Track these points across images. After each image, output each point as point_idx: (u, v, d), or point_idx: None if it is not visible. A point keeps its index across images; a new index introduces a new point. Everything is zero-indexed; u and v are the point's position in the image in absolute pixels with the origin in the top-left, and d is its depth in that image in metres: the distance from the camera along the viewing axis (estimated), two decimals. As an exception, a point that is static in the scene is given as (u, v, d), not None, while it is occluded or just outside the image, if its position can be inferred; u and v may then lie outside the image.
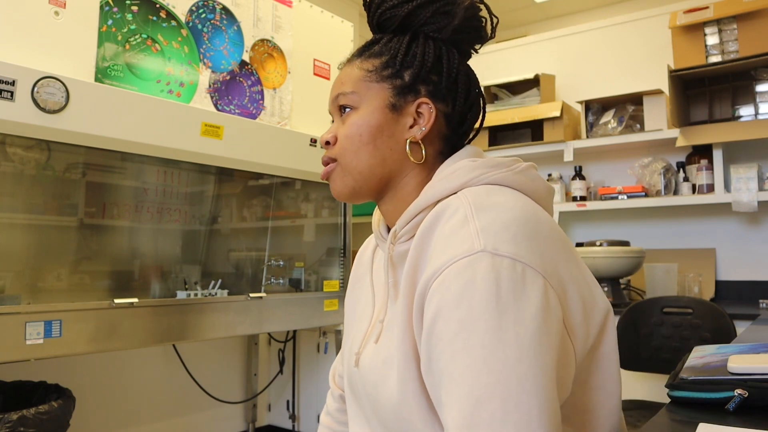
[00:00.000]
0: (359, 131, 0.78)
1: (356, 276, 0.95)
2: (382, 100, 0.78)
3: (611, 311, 0.72)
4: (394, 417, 0.72)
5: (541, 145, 2.97)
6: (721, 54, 2.57)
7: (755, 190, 2.45)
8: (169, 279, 2.19)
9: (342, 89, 0.80)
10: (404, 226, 0.75)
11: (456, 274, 0.62)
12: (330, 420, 1.03)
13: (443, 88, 0.78)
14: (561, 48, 3.30)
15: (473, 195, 0.69)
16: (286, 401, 2.95)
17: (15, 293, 1.70)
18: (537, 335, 0.59)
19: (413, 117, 0.78)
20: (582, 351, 0.67)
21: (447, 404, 0.60)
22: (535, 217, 0.68)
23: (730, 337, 1.93)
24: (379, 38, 0.82)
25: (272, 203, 2.53)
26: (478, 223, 0.65)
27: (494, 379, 0.57)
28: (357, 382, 0.81)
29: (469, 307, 0.60)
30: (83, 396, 2.18)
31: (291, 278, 2.49)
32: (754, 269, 2.66)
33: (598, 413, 0.72)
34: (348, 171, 0.79)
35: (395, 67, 0.78)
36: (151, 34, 1.84)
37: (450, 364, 0.60)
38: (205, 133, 1.92)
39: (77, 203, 1.91)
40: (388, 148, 0.78)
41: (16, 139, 1.65)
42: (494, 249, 0.62)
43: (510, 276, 0.61)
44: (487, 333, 0.59)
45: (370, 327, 0.82)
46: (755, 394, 0.72)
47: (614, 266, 2.48)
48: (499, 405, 0.56)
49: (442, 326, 0.62)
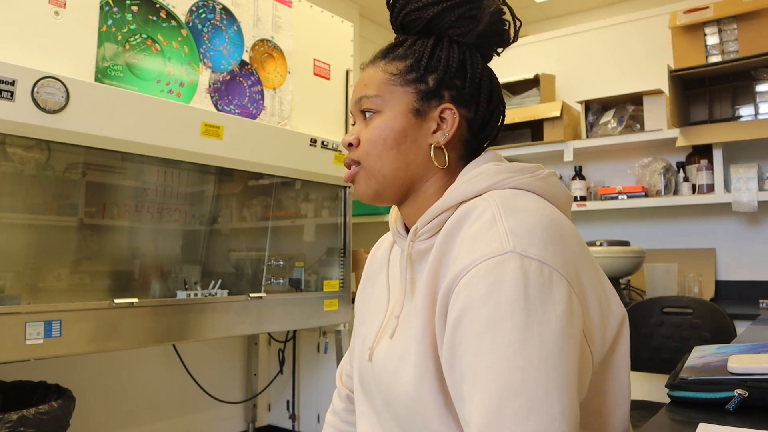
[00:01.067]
0: (383, 135, 0.78)
1: (369, 274, 0.95)
2: (406, 104, 0.79)
3: (626, 318, 0.73)
4: (408, 412, 0.72)
5: (541, 145, 2.97)
6: (721, 54, 2.57)
7: (755, 190, 2.45)
8: (169, 279, 2.19)
9: (366, 92, 0.81)
10: (426, 224, 0.76)
11: (485, 273, 0.63)
12: (336, 419, 1.04)
13: (466, 94, 0.79)
14: (561, 48, 3.30)
15: (500, 198, 0.70)
16: (286, 401, 2.95)
17: (15, 293, 1.70)
18: (561, 338, 0.60)
19: (437, 122, 0.79)
20: (598, 356, 0.69)
21: (470, 399, 0.61)
22: (559, 223, 0.69)
23: (730, 337, 1.93)
24: (404, 40, 0.82)
25: (272, 203, 2.53)
26: (507, 224, 0.66)
27: (519, 377, 0.58)
28: (369, 377, 0.82)
29: (496, 305, 0.61)
30: (83, 396, 2.18)
31: (291, 278, 2.49)
32: (754, 269, 2.66)
33: (610, 418, 0.73)
34: (372, 174, 0.80)
35: (419, 72, 0.78)
36: (151, 34, 1.84)
37: (474, 360, 0.61)
38: (205, 133, 1.92)
39: (77, 203, 1.91)
40: (412, 152, 0.79)
41: (16, 139, 1.65)
42: (523, 251, 0.63)
43: (538, 278, 0.62)
44: (514, 332, 0.60)
45: (384, 322, 0.82)
46: (755, 394, 0.72)
47: (614, 266, 2.48)
48: (524, 403, 0.57)
49: (468, 323, 0.63)
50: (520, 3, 3.84)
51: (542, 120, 2.94)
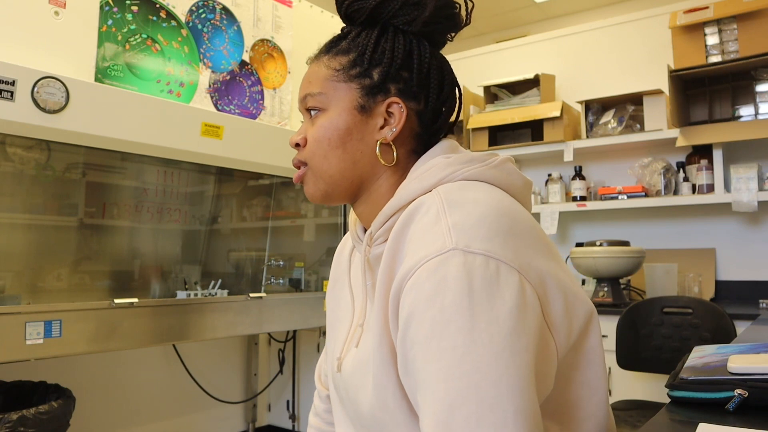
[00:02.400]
0: (327, 134, 0.75)
1: (335, 276, 0.92)
2: (351, 101, 0.75)
3: (595, 312, 0.71)
4: (375, 422, 0.70)
5: (541, 145, 2.97)
6: (721, 54, 2.57)
7: (755, 190, 2.45)
8: (169, 279, 2.19)
9: (310, 89, 0.78)
10: (379, 227, 0.73)
11: (428, 274, 0.60)
12: (318, 421, 1.02)
13: (414, 85, 0.75)
14: (561, 48, 3.30)
15: (446, 191, 0.67)
16: (286, 401, 2.95)
17: (15, 293, 1.70)
18: (512, 334, 0.58)
19: (383, 117, 0.75)
20: (564, 346, 0.66)
21: (422, 408, 0.59)
22: (511, 212, 0.66)
23: (730, 337, 1.93)
24: (347, 32, 0.78)
25: (272, 203, 2.53)
26: (450, 219, 0.63)
27: (467, 382, 0.56)
28: (340, 387, 0.80)
29: (441, 307, 0.58)
30: (83, 396, 2.18)
31: (291, 278, 2.49)
32: (754, 269, 2.66)
33: (583, 408, 0.70)
34: (319, 175, 0.77)
35: (363, 66, 0.75)
36: (151, 34, 1.84)
37: (424, 367, 0.59)
38: (205, 133, 1.92)
39: (77, 203, 1.91)
40: (359, 151, 0.75)
41: (16, 139, 1.65)
42: (466, 246, 0.60)
43: (483, 274, 0.59)
44: (460, 334, 0.57)
45: (351, 331, 0.80)
46: (755, 394, 0.72)
47: (614, 266, 2.48)
48: (474, 409, 0.55)
49: (415, 328, 0.60)
50: (520, 3, 3.84)
51: (542, 120, 2.94)
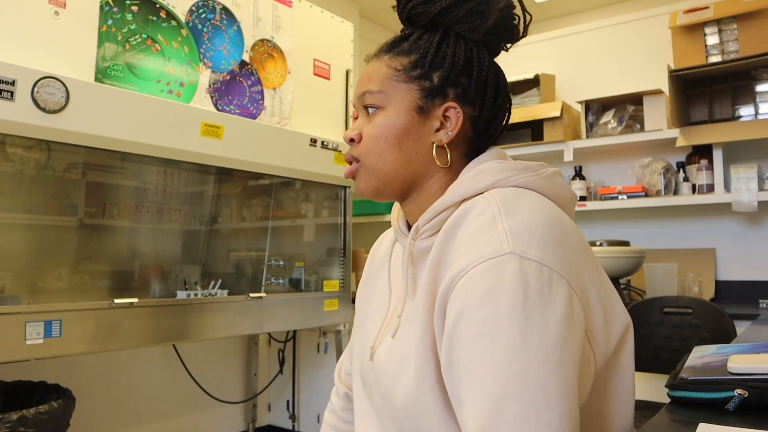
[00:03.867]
0: (385, 133, 0.77)
1: (370, 271, 0.94)
2: (410, 102, 0.77)
3: (631, 325, 0.73)
4: (408, 412, 0.71)
5: (541, 145, 2.97)
6: (721, 54, 2.57)
7: (755, 190, 2.45)
8: (169, 279, 2.19)
9: (369, 87, 0.79)
10: (427, 222, 0.75)
11: (483, 274, 0.62)
12: (334, 418, 1.03)
13: (472, 92, 0.77)
14: (561, 48, 3.30)
15: (501, 196, 0.69)
16: (286, 401, 2.95)
17: (15, 293, 1.70)
18: (561, 341, 0.59)
19: (440, 120, 0.77)
20: (602, 359, 0.68)
21: (467, 403, 0.60)
22: (561, 223, 0.68)
23: (730, 337, 1.93)
24: (409, 34, 0.80)
25: (272, 203, 2.53)
26: (507, 225, 0.64)
27: (517, 381, 0.57)
28: (370, 376, 0.81)
29: (494, 307, 0.60)
30: (83, 396, 2.18)
31: (291, 278, 2.49)
32: (754, 269, 2.66)
33: (613, 421, 0.72)
34: (372, 172, 0.79)
35: (424, 68, 0.77)
36: (151, 34, 1.84)
37: (472, 363, 0.60)
38: (205, 133, 1.92)
39: (77, 203, 1.91)
40: (414, 150, 0.77)
41: (16, 139, 1.65)
42: (522, 252, 0.62)
43: (537, 280, 0.61)
44: (512, 335, 0.59)
45: (386, 321, 0.81)
46: (755, 394, 0.72)
47: (614, 266, 2.48)
48: (522, 407, 0.56)
49: (465, 325, 0.62)
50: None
51: (542, 120, 2.94)
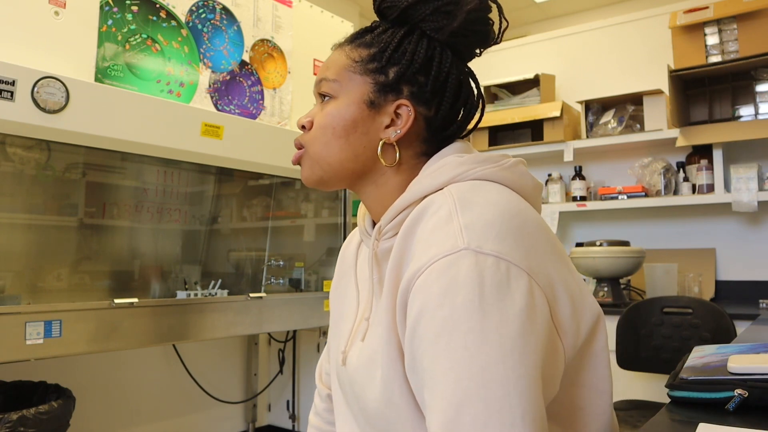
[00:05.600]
0: (333, 123, 0.76)
1: (341, 272, 0.93)
2: (362, 94, 0.76)
3: (602, 315, 0.72)
4: (380, 416, 0.71)
5: (541, 145, 2.97)
6: (721, 54, 2.57)
7: (755, 190, 2.45)
8: (169, 279, 2.19)
9: (326, 74, 0.78)
10: (389, 222, 0.73)
11: (439, 273, 0.61)
12: (319, 420, 1.02)
13: (428, 91, 0.75)
14: (561, 48, 3.30)
15: (458, 191, 0.68)
16: (286, 401, 2.95)
17: (15, 293, 1.70)
18: (521, 336, 0.58)
19: (391, 117, 0.75)
20: (572, 349, 0.66)
21: (430, 406, 0.59)
22: (522, 214, 0.66)
23: (730, 337, 1.93)
24: (375, 27, 0.79)
25: (272, 203, 2.53)
26: (462, 219, 0.63)
27: (476, 381, 0.56)
28: (344, 381, 0.80)
29: (451, 307, 0.59)
30: (83, 396, 2.18)
31: (291, 278, 2.49)
32: (754, 269, 2.66)
33: (588, 411, 0.71)
34: (316, 161, 0.77)
35: (381, 62, 0.75)
36: (151, 34, 1.84)
37: (432, 365, 0.59)
38: (205, 133, 1.92)
39: (77, 203, 1.91)
40: (362, 145, 0.76)
41: (16, 139, 1.65)
42: (478, 247, 0.61)
43: (494, 275, 0.60)
44: (470, 334, 0.58)
45: (356, 324, 0.80)
46: (755, 394, 0.72)
47: (614, 266, 2.48)
48: (482, 408, 0.55)
49: (424, 326, 0.61)
50: (520, 3, 3.84)
51: (542, 120, 2.94)
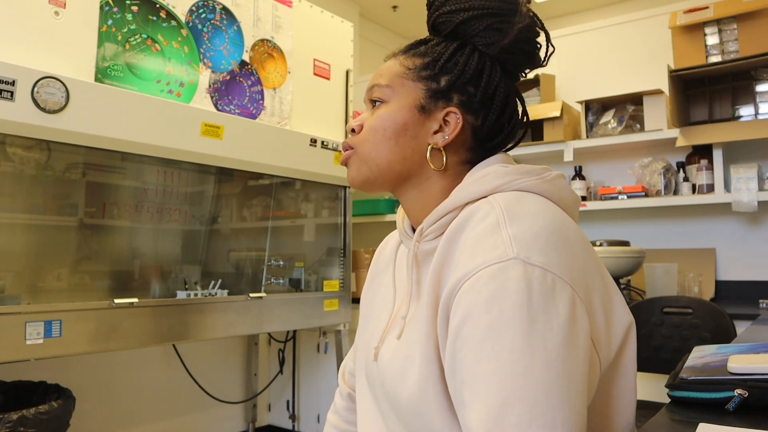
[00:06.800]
0: (384, 125, 0.79)
1: (375, 271, 0.95)
2: (413, 99, 0.79)
3: (633, 324, 0.73)
4: (412, 413, 0.72)
5: (541, 145, 2.97)
6: (721, 54, 2.57)
7: (755, 190, 2.45)
8: (169, 279, 2.19)
9: (378, 81, 0.82)
10: (431, 224, 0.76)
11: (487, 279, 0.63)
12: (337, 418, 1.04)
13: (477, 101, 0.78)
14: (561, 48, 3.27)
15: (505, 201, 0.70)
16: (286, 401, 2.95)
17: (15, 293, 1.70)
18: (564, 346, 0.60)
19: (440, 123, 0.79)
20: (606, 361, 0.69)
21: (470, 404, 0.60)
22: (564, 227, 0.69)
23: (730, 337, 1.93)
24: (429, 39, 0.83)
25: (272, 203, 2.53)
26: (511, 230, 0.65)
27: (521, 384, 0.58)
28: (374, 376, 0.82)
29: (499, 312, 0.61)
30: (83, 396, 2.18)
31: (291, 278, 2.49)
32: (754, 269, 2.66)
33: (616, 421, 0.73)
34: (365, 161, 0.80)
35: (434, 70, 0.79)
36: (151, 34, 1.84)
37: (476, 365, 0.61)
38: (205, 133, 1.92)
39: (77, 203, 1.91)
40: (410, 148, 0.79)
41: (16, 139, 1.65)
42: (527, 258, 0.63)
43: (541, 285, 0.62)
44: (516, 339, 0.59)
45: (390, 322, 0.82)
46: (755, 394, 0.72)
47: (614, 266, 2.48)
48: (526, 410, 0.57)
49: (470, 328, 0.62)
50: (520, 3, 3.84)
51: (542, 120, 2.94)
